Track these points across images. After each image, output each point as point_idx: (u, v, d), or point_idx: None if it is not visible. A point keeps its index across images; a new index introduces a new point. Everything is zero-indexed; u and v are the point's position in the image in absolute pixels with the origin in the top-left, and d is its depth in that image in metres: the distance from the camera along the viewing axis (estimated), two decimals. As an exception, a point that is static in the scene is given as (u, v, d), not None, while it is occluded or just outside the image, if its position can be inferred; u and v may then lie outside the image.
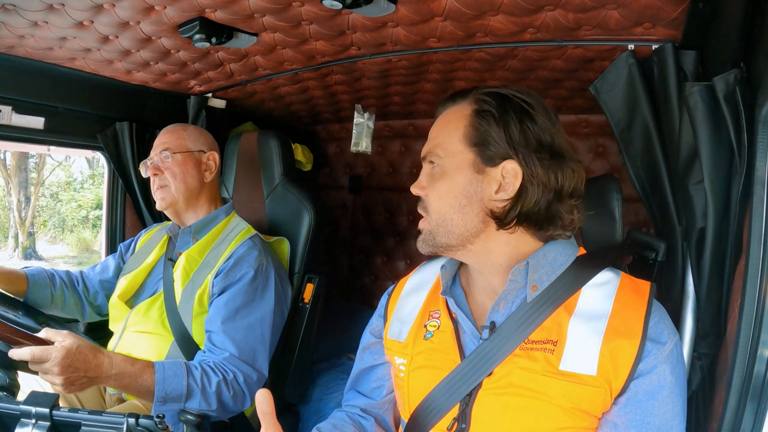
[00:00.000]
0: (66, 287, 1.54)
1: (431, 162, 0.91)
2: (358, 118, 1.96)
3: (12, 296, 1.38)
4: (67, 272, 1.59)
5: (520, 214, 0.85)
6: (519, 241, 0.88)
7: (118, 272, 1.59)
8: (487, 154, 0.85)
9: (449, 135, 0.89)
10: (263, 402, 0.73)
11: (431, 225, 0.90)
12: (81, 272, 1.62)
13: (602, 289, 0.85)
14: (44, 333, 1.09)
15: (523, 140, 0.84)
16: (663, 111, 1.07)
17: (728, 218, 0.95)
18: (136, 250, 1.61)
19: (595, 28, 1.10)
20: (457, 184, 0.87)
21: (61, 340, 1.07)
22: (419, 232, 0.93)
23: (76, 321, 1.68)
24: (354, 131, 1.97)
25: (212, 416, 1.28)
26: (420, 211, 0.93)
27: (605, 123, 1.20)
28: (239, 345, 1.31)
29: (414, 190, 0.93)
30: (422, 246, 0.92)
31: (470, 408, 0.83)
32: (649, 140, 1.11)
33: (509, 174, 0.85)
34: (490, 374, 0.83)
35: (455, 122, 0.89)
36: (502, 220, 0.85)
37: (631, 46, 1.12)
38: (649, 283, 0.86)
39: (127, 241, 1.68)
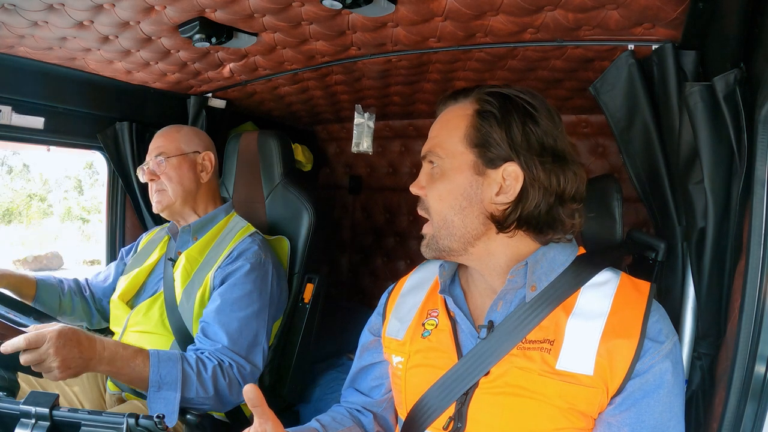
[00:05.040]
0: (74, 294, 1.57)
1: (431, 162, 0.90)
2: (358, 119, 1.96)
3: (22, 301, 1.37)
4: (75, 279, 1.61)
5: (521, 218, 0.84)
6: (519, 243, 0.88)
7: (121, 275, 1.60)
8: (487, 156, 0.84)
9: (449, 135, 0.88)
10: (251, 394, 0.75)
11: (433, 228, 0.89)
12: (87, 279, 1.64)
13: (601, 289, 0.85)
14: (33, 328, 1.06)
15: (525, 142, 0.83)
16: (663, 111, 1.07)
17: (728, 218, 0.95)
18: (137, 251, 1.61)
19: (595, 28, 1.10)
20: (457, 185, 0.86)
21: (50, 327, 1.05)
22: (422, 236, 0.92)
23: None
24: (354, 131, 1.97)
25: (208, 406, 1.25)
26: (421, 212, 0.92)
27: (605, 123, 1.20)
28: (232, 337, 1.30)
29: (413, 189, 0.92)
30: (426, 251, 0.91)
31: (466, 407, 0.83)
32: (649, 140, 1.11)
33: (510, 176, 0.84)
34: (486, 374, 0.83)
35: (456, 121, 0.88)
36: (501, 223, 0.85)
37: (631, 46, 1.12)
38: (648, 283, 0.85)
39: (128, 246, 1.69)
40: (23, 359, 1.02)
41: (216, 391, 1.24)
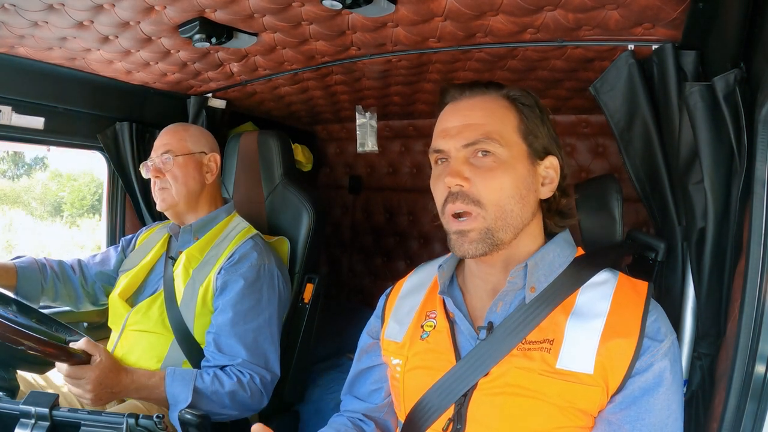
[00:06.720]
0: (57, 278, 1.52)
1: (484, 151, 0.85)
2: (360, 119, 1.97)
3: (2, 292, 1.34)
4: (60, 262, 1.56)
5: (553, 208, 0.91)
6: (534, 235, 0.91)
7: (119, 265, 1.59)
8: (534, 147, 0.88)
9: (502, 123, 0.87)
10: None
11: (488, 220, 0.84)
12: (79, 260, 1.60)
13: (600, 289, 0.85)
14: (84, 343, 1.15)
15: (555, 136, 0.91)
16: (663, 111, 1.07)
17: (728, 218, 0.95)
18: (136, 247, 1.60)
19: (595, 28, 1.10)
20: (520, 174, 0.86)
21: (96, 357, 1.15)
22: (463, 233, 0.84)
23: (73, 318, 1.68)
24: (358, 132, 1.98)
25: (235, 416, 1.31)
26: (462, 206, 0.84)
27: (605, 123, 1.20)
28: (250, 348, 1.32)
29: (452, 180, 0.84)
30: (477, 247, 0.84)
31: (465, 408, 0.83)
32: (649, 140, 1.11)
33: (552, 168, 0.90)
34: (486, 374, 0.83)
35: (501, 111, 0.88)
36: (546, 212, 0.91)
37: (631, 47, 1.11)
38: (646, 282, 0.86)
39: (128, 236, 1.67)
40: (64, 380, 1.16)
41: (235, 405, 1.28)
